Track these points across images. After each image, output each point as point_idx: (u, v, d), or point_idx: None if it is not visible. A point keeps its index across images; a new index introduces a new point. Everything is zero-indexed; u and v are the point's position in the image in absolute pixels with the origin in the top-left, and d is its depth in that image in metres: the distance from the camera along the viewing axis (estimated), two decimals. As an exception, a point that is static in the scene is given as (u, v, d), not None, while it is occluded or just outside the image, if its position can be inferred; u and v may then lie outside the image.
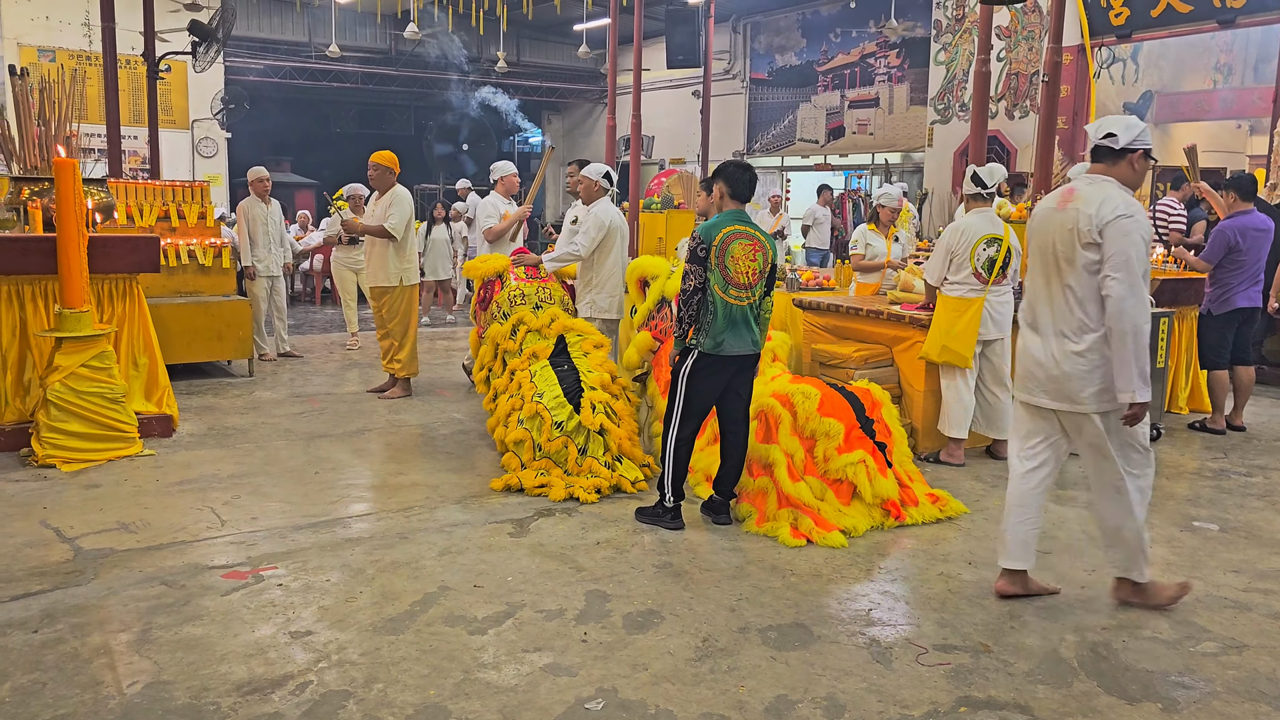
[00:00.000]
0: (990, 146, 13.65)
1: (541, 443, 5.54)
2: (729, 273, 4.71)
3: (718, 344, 4.75)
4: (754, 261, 4.76)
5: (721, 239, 4.71)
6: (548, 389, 5.68)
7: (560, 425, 5.52)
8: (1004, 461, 6.27)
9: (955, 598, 4.13)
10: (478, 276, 6.81)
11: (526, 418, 5.62)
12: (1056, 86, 7.22)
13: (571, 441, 5.52)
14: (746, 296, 4.77)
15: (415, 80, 21.87)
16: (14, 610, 3.81)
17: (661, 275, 6.29)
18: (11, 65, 7.58)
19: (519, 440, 5.60)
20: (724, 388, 4.88)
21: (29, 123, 6.59)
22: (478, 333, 6.74)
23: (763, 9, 18.79)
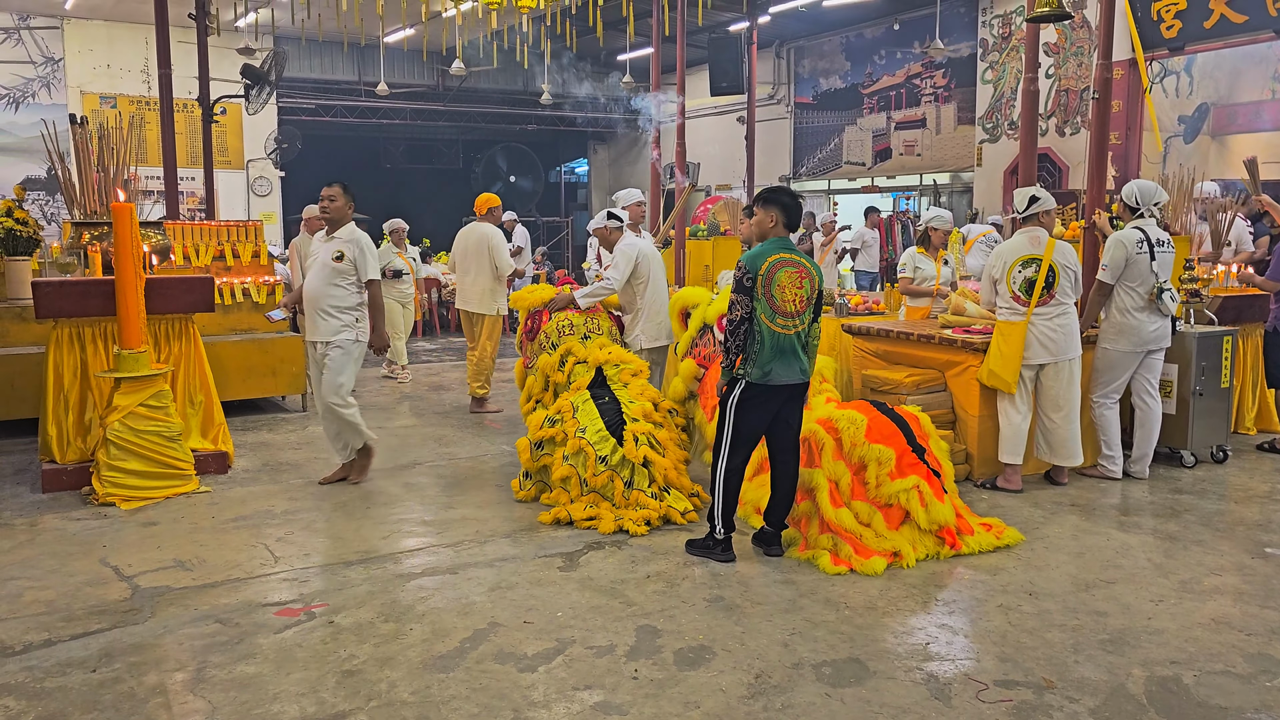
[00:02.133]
0: (1041, 165, 13.46)
1: (587, 478, 5.51)
2: (775, 301, 4.68)
3: (765, 374, 4.70)
4: (800, 289, 4.72)
5: (768, 268, 4.68)
6: (590, 423, 5.63)
7: (605, 459, 5.48)
8: (1064, 487, 6.14)
9: (1016, 630, 4.02)
10: (524, 308, 6.83)
11: (571, 454, 5.59)
12: (1107, 103, 7.08)
13: (617, 475, 5.47)
14: (794, 325, 4.73)
15: (462, 115, 22.17)
16: (74, 649, 3.86)
17: (702, 303, 6.26)
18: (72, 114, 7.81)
19: (565, 476, 5.58)
20: (773, 417, 4.82)
21: (89, 169, 6.77)
22: (524, 363, 6.75)
23: (806, 34, 18.78)
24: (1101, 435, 6.35)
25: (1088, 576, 4.64)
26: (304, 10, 11.85)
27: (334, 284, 6.10)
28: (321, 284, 6.11)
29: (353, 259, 6.10)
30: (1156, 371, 6.34)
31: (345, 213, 6.25)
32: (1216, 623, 4.10)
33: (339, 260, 6.08)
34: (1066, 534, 5.29)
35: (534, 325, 6.72)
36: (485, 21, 11.92)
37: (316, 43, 16.81)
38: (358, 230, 6.22)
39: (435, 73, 20.88)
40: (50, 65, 17.13)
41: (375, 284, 6.20)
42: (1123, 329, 6.20)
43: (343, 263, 6.08)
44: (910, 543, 4.85)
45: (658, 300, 6.91)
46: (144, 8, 13.99)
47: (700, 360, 6.09)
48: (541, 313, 6.71)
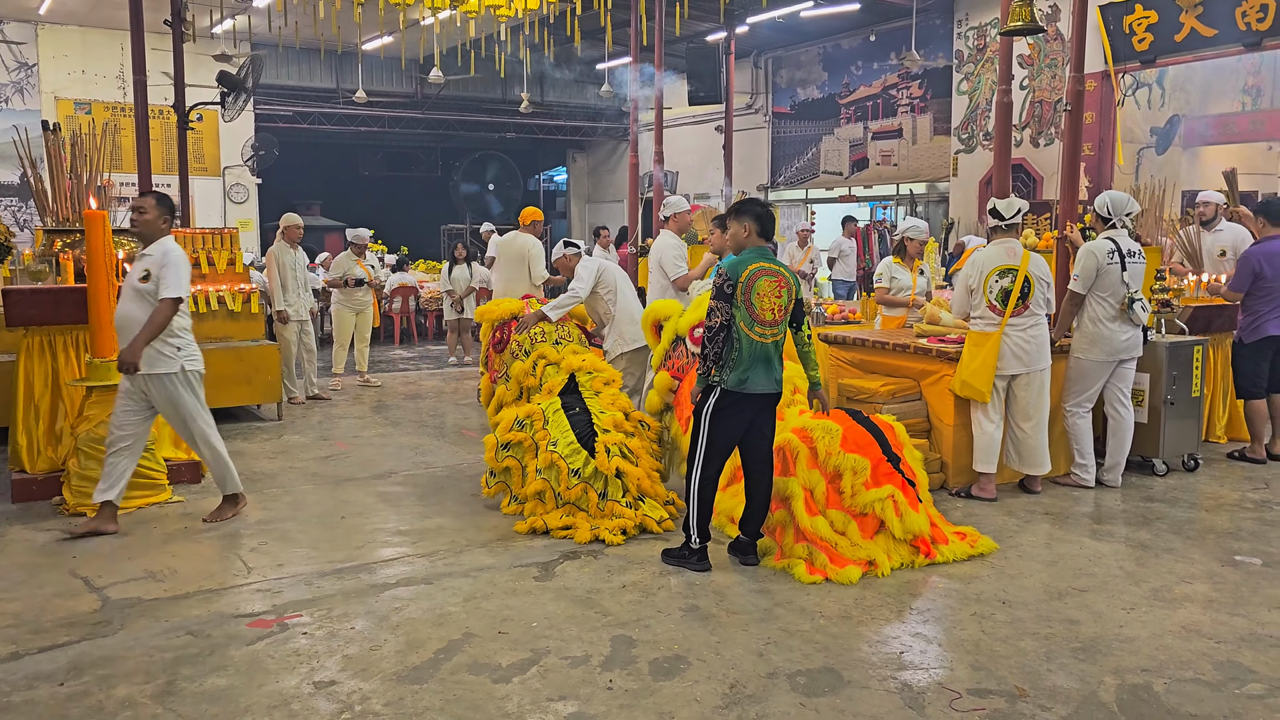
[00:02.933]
0: (1015, 175, 13.58)
1: (560, 491, 5.48)
2: (754, 309, 4.71)
3: (742, 381, 4.72)
4: (779, 298, 4.77)
5: (748, 275, 4.72)
6: (561, 435, 5.60)
7: (577, 473, 5.44)
8: (1037, 495, 6.18)
9: (989, 639, 4.04)
10: (490, 321, 6.76)
11: (544, 468, 5.55)
12: (1080, 114, 7.16)
13: (590, 487, 5.44)
14: (771, 334, 4.77)
15: (440, 123, 22.15)
16: (41, 662, 3.81)
17: (674, 315, 6.28)
18: (44, 121, 7.74)
19: (539, 491, 5.54)
20: (748, 426, 4.84)
21: (62, 176, 6.72)
22: (490, 378, 6.69)
23: (783, 44, 18.89)
24: (1074, 444, 6.41)
25: (1060, 585, 4.67)
26: (281, 17, 11.81)
27: (143, 307, 5.29)
28: (131, 308, 5.33)
29: (157, 277, 5.27)
30: (1128, 381, 6.40)
31: (158, 226, 5.44)
32: (1187, 630, 4.14)
33: (145, 280, 5.28)
34: (1040, 542, 5.33)
35: (502, 337, 6.67)
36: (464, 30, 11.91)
37: (294, 50, 16.77)
38: (170, 244, 5.40)
39: (414, 81, 20.86)
40: (24, 70, 16.97)
41: (169, 304, 5.28)
42: (1095, 339, 6.26)
43: (148, 283, 5.28)
44: (885, 551, 4.87)
45: (629, 307, 7.15)
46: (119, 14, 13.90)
47: (674, 373, 6.08)
48: (509, 324, 6.68)
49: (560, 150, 26.03)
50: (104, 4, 15.57)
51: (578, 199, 25.95)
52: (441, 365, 12.44)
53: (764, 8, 14.87)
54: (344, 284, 10.25)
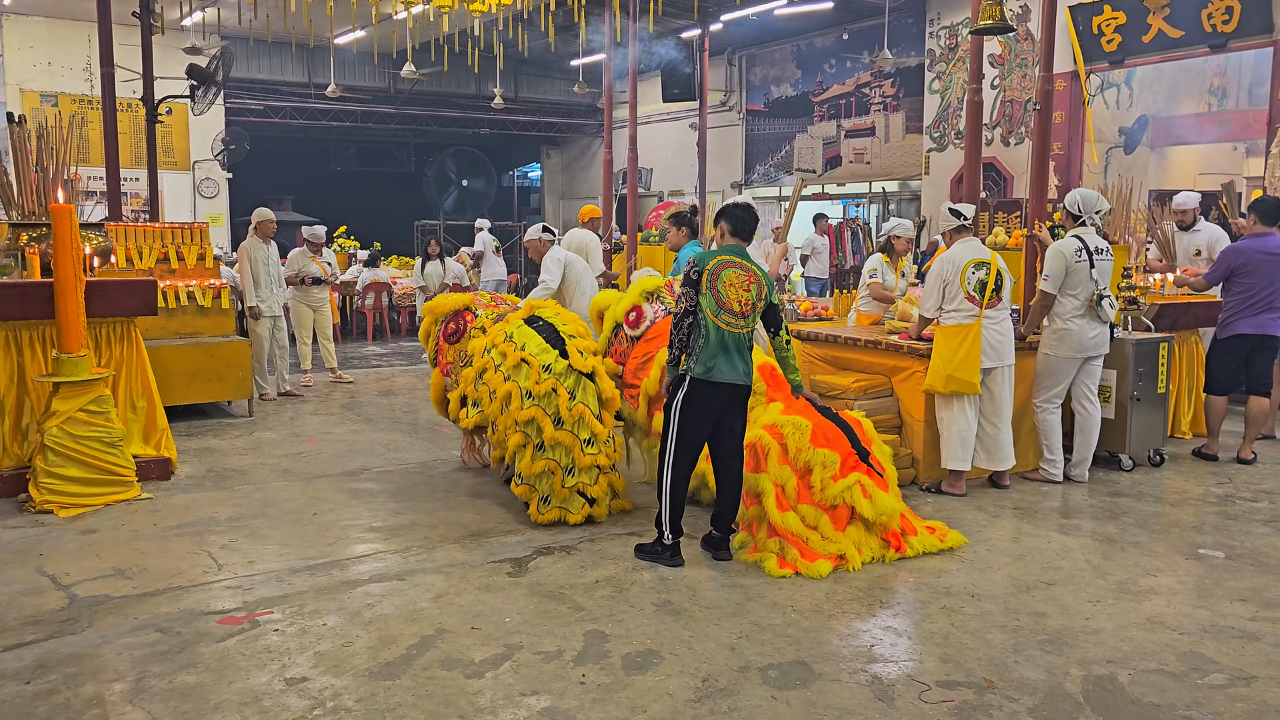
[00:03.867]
0: (986, 174, 13.71)
1: (530, 388, 5.32)
2: (721, 297, 4.77)
3: (709, 369, 4.75)
4: (747, 291, 4.82)
5: (715, 265, 4.81)
6: (529, 339, 5.55)
7: (549, 368, 5.37)
8: (1006, 490, 6.25)
9: (958, 631, 4.09)
10: (440, 314, 6.62)
11: (510, 368, 5.45)
12: (1049, 114, 7.24)
13: (560, 384, 5.33)
14: (739, 325, 4.81)
15: (414, 118, 22.03)
16: (7, 661, 3.77)
17: (612, 304, 6.31)
18: (9, 113, 7.64)
19: (520, 445, 5.34)
20: (717, 420, 4.86)
21: (26, 169, 6.63)
22: (442, 371, 6.62)
23: (757, 42, 18.95)
24: (1044, 440, 6.48)
25: (1028, 578, 4.73)
26: (252, 10, 11.70)
27: None
28: None
29: None
30: (1095, 377, 6.48)
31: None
32: (1151, 622, 4.20)
33: None
34: (1008, 536, 5.39)
35: (458, 328, 6.58)
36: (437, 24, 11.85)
37: (265, 43, 16.62)
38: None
39: (386, 75, 20.72)
40: (-12, 62, 16.72)
41: None
42: (1063, 335, 6.33)
43: None
44: (856, 545, 4.90)
45: (584, 300, 7.51)
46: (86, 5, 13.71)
47: (616, 359, 6.12)
48: (462, 314, 6.60)
49: (534, 146, 25.98)
50: (71, -5, 15.37)
51: (552, 195, 25.91)
52: (414, 362, 12.39)
53: (738, 5, 14.92)
54: (300, 282, 10.17)
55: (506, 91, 19.98)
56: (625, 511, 5.68)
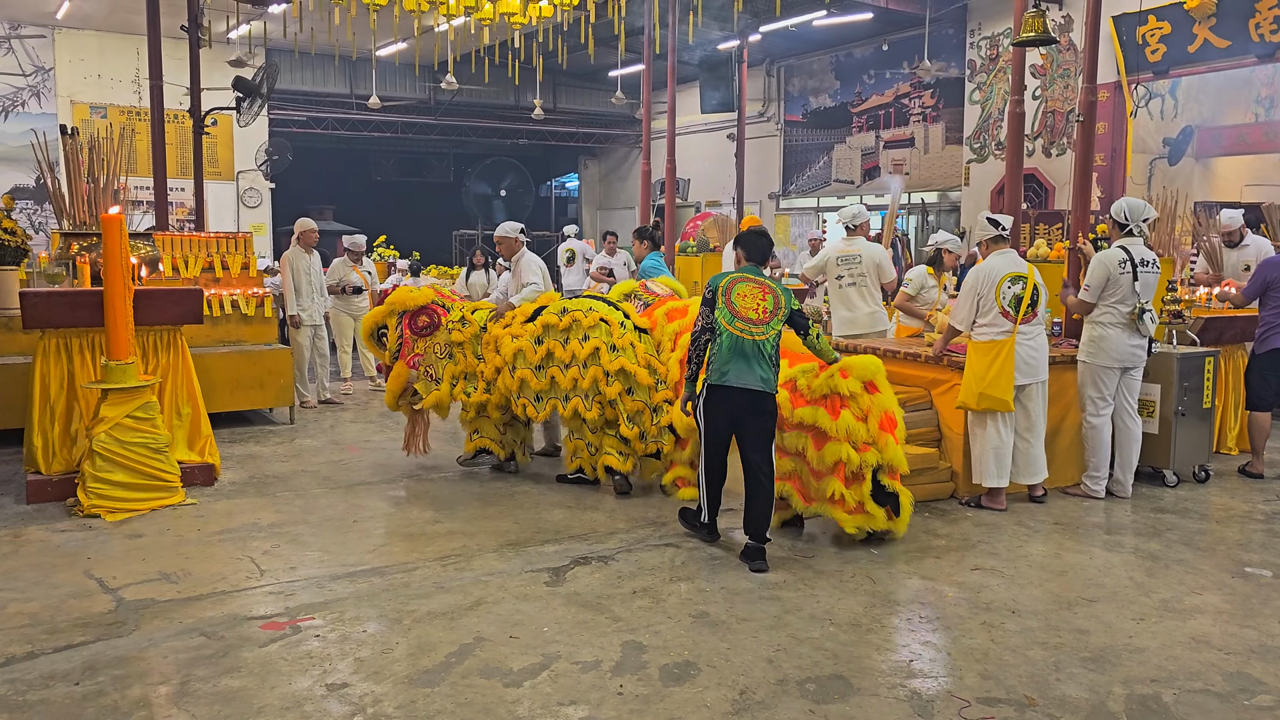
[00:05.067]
0: (1027, 185, 13.59)
1: (615, 341, 6.15)
2: (735, 307, 5.07)
3: (722, 374, 5.01)
4: (763, 301, 5.08)
5: (727, 282, 5.16)
6: (596, 305, 6.38)
7: (624, 324, 6.27)
8: (1046, 505, 6.18)
9: (998, 648, 4.05)
10: (409, 305, 6.74)
11: (588, 327, 6.21)
12: (1092, 125, 7.17)
13: (635, 338, 6.24)
14: (757, 332, 5.03)
15: (453, 129, 22.24)
16: (57, 662, 3.85)
17: None
18: (62, 125, 7.82)
19: (633, 412, 6.17)
20: (738, 424, 5.06)
21: (79, 179, 6.78)
22: (409, 364, 6.71)
23: (796, 53, 18.93)
24: (1089, 454, 6.39)
25: (1070, 595, 4.68)
26: (297, 23, 11.89)
27: None
28: None
29: None
30: (1135, 391, 6.39)
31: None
32: (1196, 641, 4.14)
33: None
34: (1049, 552, 5.33)
35: (431, 322, 6.73)
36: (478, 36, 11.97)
37: (309, 55, 16.87)
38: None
39: (426, 87, 20.95)
40: (40, 74, 17.12)
41: None
42: (1101, 344, 6.25)
43: None
44: (849, 434, 5.11)
45: None
46: (136, 18, 14.01)
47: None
48: (430, 307, 6.75)
49: (572, 157, 26.10)
50: (120, 9, 15.70)
51: (589, 205, 26.01)
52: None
53: (777, 16, 14.91)
54: (341, 290, 10.30)
55: (545, 102, 20.11)
56: (663, 523, 5.69)
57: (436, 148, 25.26)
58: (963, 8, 15.46)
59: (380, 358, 6.85)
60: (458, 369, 6.70)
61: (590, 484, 6.51)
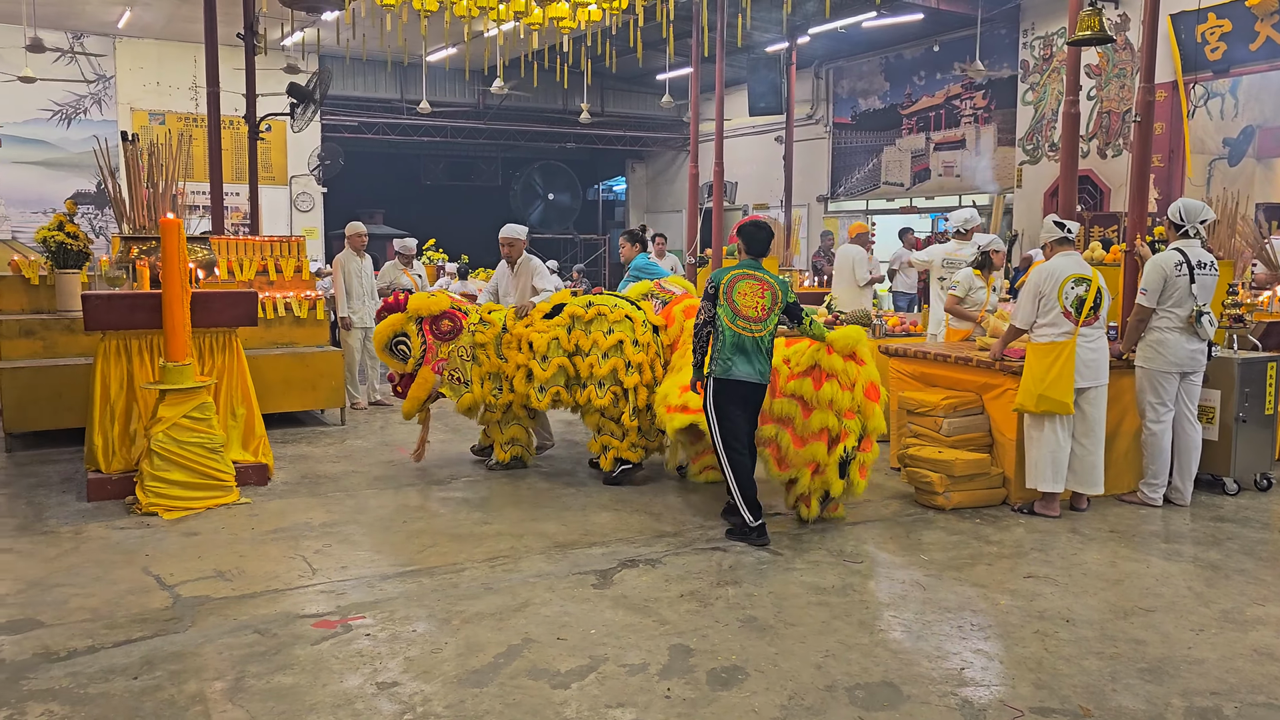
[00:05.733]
0: (1082, 187, 13.34)
1: (638, 337, 6.52)
2: (736, 305, 5.41)
3: (726, 369, 5.37)
4: (762, 299, 5.42)
5: (729, 279, 5.48)
6: (620, 302, 6.69)
7: (645, 322, 6.64)
8: (1103, 514, 6.06)
9: (1052, 657, 3.98)
10: (429, 311, 6.80)
11: (613, 322, 6.52)
12: (1149, 126, 7.02)
13: (651, 335, 6.64)
14: (756, 329, 5.39)
15: (502, 133, 22.40)
16: (116, 656, 3.93)
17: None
18: (123, 131, 8.01)
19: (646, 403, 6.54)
20: (747, 414, 5.43)
21: (139, 185, 6.93)
22: (434, 369, 6.77)
23: (845, 54, 18.80)
24: (1148, 461, 6.26)
25: (1126, 604, 4.59)
26: (349, 30, 12.06)
27: None
28: None
29: None
30: (1195, 397, 6.26)
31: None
32: (1259, 653, 4.03)
33: None
34: (1105, 560, 5.23)
35: (454, 326, 6.80)
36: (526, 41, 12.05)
37: (360, 61, 17.10)
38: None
39: (476, 92, 21.13)
40: (102, 82, 17.55)
41: None
42: (1159, 348, 6.13)
43: None
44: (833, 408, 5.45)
45: None
46: (193, 27, 14.30)
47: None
48: (452, 314, 6.82)
49: (619, 160, 26.16)
50: (178, 18, 16.04)
51: (636, 208, 26.04)
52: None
53: (826, 18, 14.82)
54: (389, 293, 10.39)
55: (593, 106, 20.18)
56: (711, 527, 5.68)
57: (485, 152, 25.45)
58: (1015, 7, 15.25)
59: (398, 369, 6.84)
60: (483, 370, 6.82)
61: (635, 468, 6.71)
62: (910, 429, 6.56)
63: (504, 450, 7.06)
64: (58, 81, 17.06)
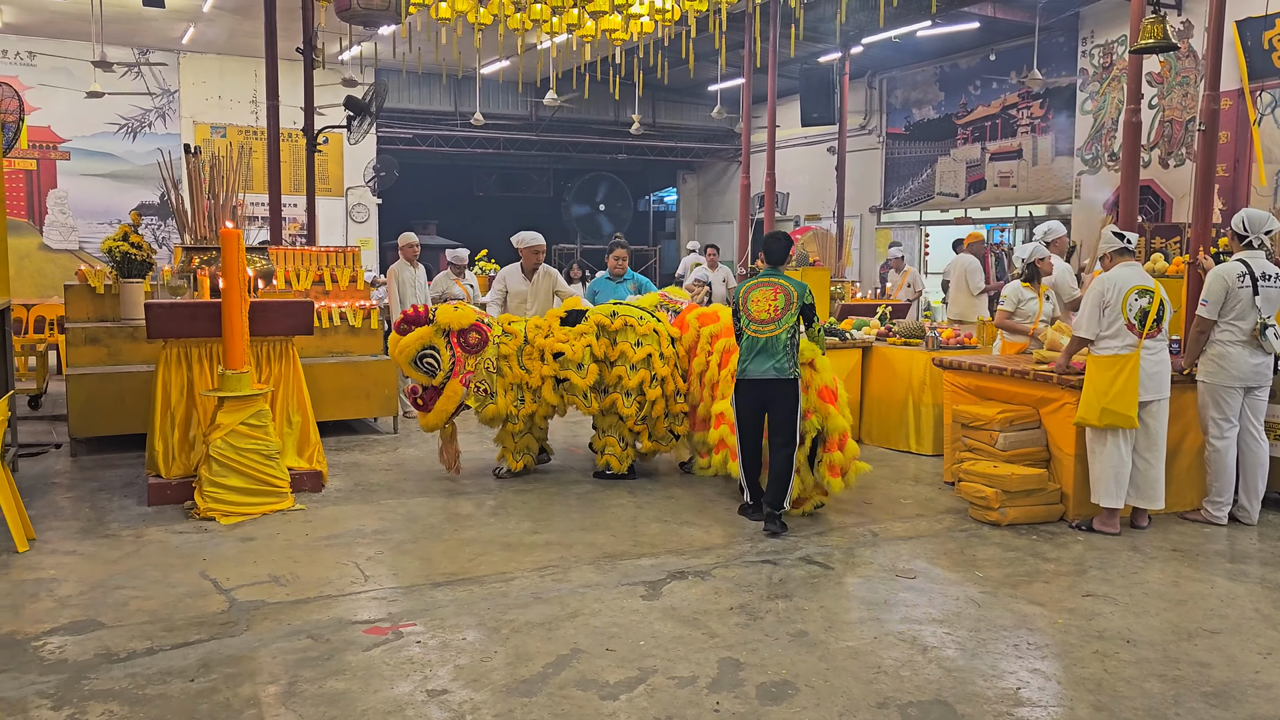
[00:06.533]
0: (1143, 197, 13.08)
1: (664, 350, 6.87)
2: (750, 311, 5.92)
3: (744, 370, 5.88)
4: (775, 301, 5.86)
5: (745, 289, 6.00)
6: (643, 313, 6.98)
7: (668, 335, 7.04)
8: (1165, 532, 5.91)
9: (1112, 678, 3.88)
10: (457, 325, 6.82)
11: (641, 335, 6.82)
12: (1214, 134, 6.87)
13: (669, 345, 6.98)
14: (768, 330, 5.83)
15: (554, 144, 22.54)
16: (174, 658, 4.00)
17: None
18: (186, 144, 8.20)
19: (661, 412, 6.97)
20: (764, 410, 5.86)
21: (200, 196, 7.08)
22: (461, 382, 6.78)
23: (899, 64, 18.64)
24: (1212, 478, 6.09)
25: (1189, 625, 4.46)
26: (405, 44, 12.23)
27: None
28: None
29: None
30: (1260, 413, 6.08)
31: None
32: (1330, 680, 3.90)
33: None
34: (1167, 580, 5.09)
35: (481, 339, 6.84)
36: (579, 54, 12.13)
37: (416, 75, 17.32)
38: None
39: (529, 104, 21.30)
40: (166, 96, 17.97)
41: None
42: (1221, 362, 5.97)
43: None
44: None
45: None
46: (254, 42, 14.62)
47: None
48: (479, 326, 6.85)
49: (671, 171, 26.18)
50: (240, 33, 16.39)
51: (687, 219, 26.04)
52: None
53: (880, 28, 14.71)
54: (444, 303, 10.48)
55: (645, 117, 20.25)
56: (776, 536, 5.65)
57: (537, 163, 25.62)
58: (1074, 15, 15.01)
59: (424, 381, 6.85)
60: (506, 381, 6.91)
61: (622, 477, 7.09)
62: (965, 443, 6.46)
63: (516, 459, 7.14)
64: (125, 95, 17.52)
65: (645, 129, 19.88)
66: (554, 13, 9.49)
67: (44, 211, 17.16)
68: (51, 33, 16.39)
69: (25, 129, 16.87)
